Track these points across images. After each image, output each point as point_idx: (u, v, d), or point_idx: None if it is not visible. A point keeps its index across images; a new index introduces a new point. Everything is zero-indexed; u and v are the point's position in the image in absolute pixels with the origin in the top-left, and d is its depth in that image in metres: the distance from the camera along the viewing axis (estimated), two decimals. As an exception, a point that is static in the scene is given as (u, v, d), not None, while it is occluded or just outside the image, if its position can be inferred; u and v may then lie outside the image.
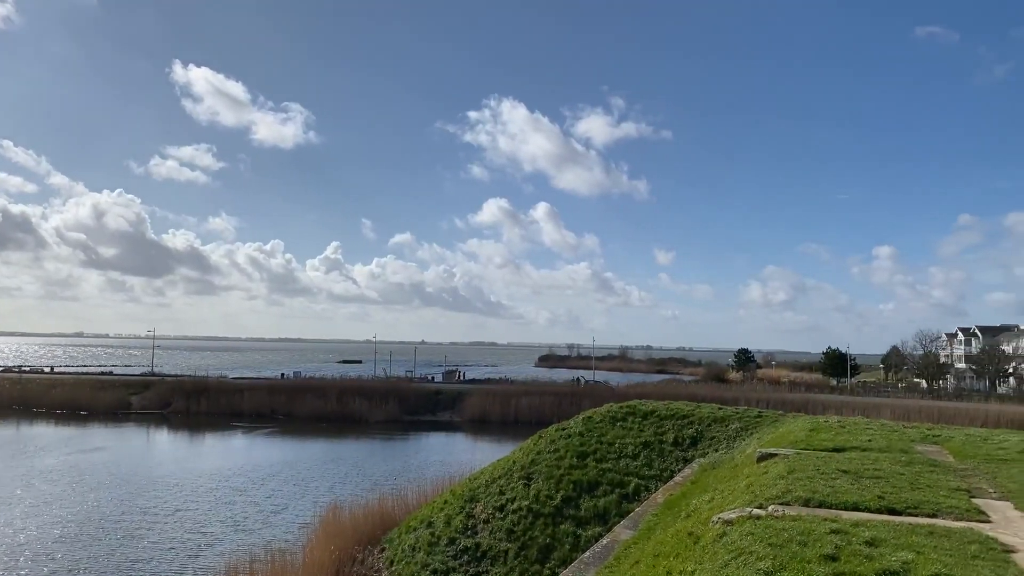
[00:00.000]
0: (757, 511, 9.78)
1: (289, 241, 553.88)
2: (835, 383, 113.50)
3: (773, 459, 15.44)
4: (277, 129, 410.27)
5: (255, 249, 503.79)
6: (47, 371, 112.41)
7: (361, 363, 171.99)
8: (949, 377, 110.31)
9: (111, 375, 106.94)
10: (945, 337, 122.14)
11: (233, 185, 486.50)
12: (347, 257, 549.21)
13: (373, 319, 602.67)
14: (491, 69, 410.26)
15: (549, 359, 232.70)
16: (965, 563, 6.92)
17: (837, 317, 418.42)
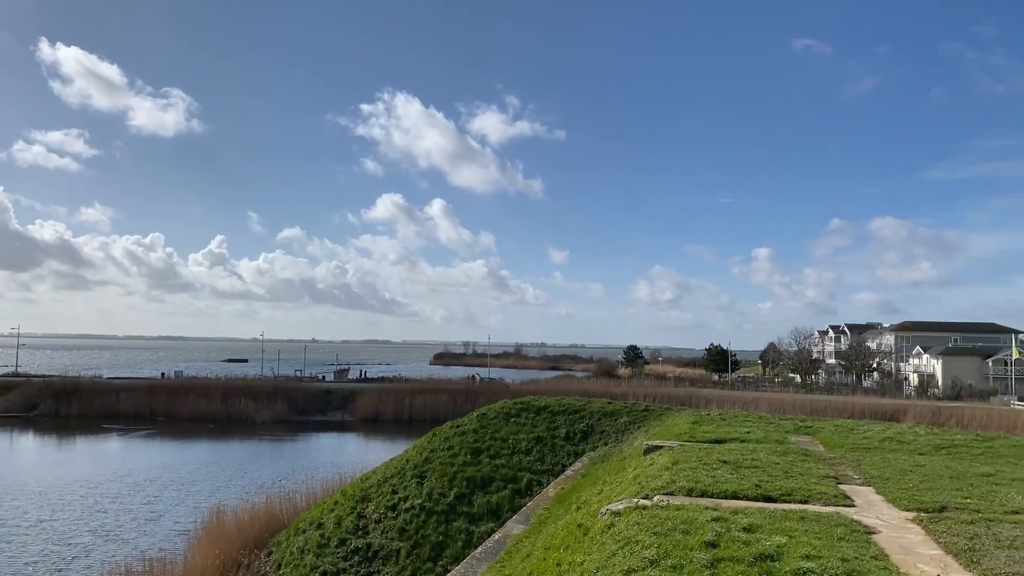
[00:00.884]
0: (643, 502, 10.07)
1: (171, 234, 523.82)
2: (717, 378, 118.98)
3: (659, 451, 16.00)
4: (157, 116, 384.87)
5: (133, 242, 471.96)
6: None
7: (247, 362, 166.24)
8: (821, 372, 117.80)
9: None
10: (817, 334, 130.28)
11: (108, 174, 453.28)
12: (233, 252, 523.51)
13: (260, 316, 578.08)
14: (385, 61, 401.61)
15: (444, 357, 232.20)
16: (832, 544, 7.50)
17: (719, 315, 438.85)
